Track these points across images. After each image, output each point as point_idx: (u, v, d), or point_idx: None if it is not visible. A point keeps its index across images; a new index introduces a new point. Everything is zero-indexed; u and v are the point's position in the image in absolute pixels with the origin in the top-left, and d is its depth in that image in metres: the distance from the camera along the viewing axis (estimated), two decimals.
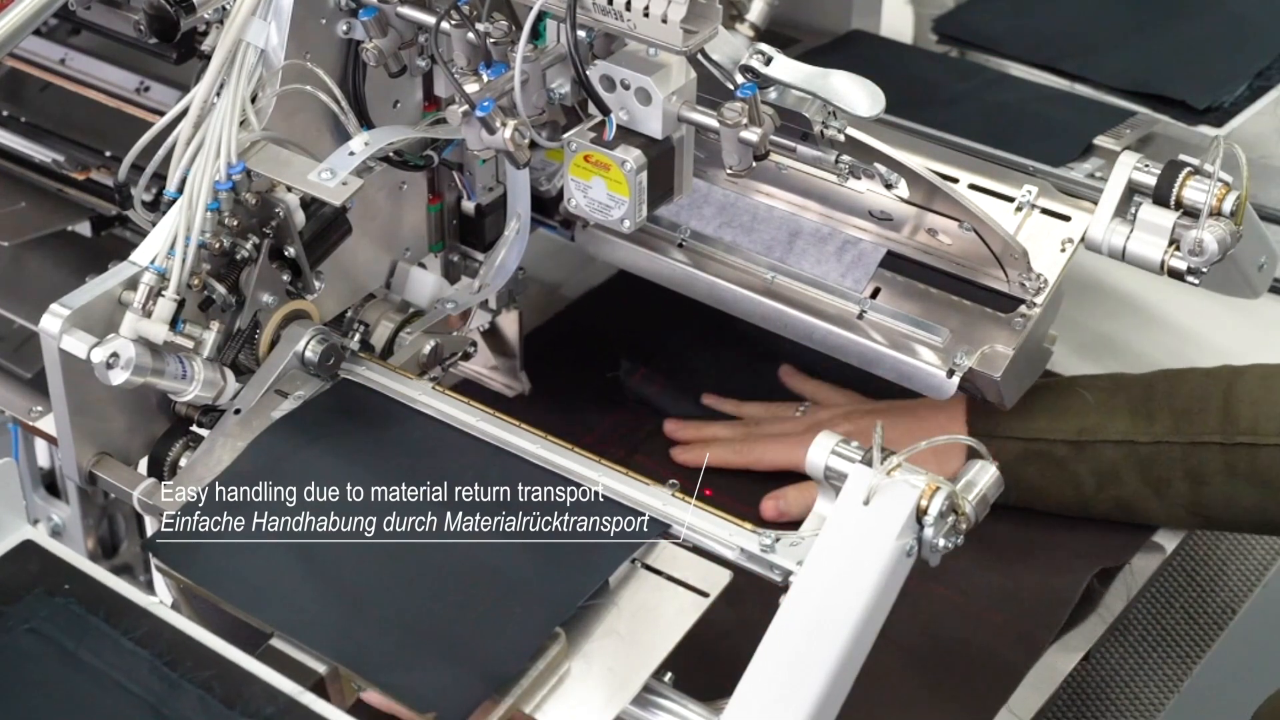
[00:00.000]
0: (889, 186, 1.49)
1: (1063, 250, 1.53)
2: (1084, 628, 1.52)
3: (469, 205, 1.64)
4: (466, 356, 1.61)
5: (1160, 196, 1.44)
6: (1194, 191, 1.43)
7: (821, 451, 1.29)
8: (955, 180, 1.60)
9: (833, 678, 1.19)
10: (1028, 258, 1.48)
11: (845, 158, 1.46)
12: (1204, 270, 1.43)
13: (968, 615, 1.54)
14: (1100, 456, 1.57)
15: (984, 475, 1.27)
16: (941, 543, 1.23)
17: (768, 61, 1.40)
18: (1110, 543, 1.59)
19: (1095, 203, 1.50)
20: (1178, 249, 1.43)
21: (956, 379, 1.51)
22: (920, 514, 1.22)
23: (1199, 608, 1.61)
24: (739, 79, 1.41)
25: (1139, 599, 1.58)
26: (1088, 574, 1.55)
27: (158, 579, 1.64)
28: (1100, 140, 1.76)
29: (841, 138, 1.44)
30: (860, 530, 1.23)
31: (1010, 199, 1.57)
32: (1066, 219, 1.55)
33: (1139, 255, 1.46)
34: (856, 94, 1.38)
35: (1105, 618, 1.53)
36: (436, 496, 1.36)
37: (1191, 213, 1.43)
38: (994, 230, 1.47)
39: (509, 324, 1.73)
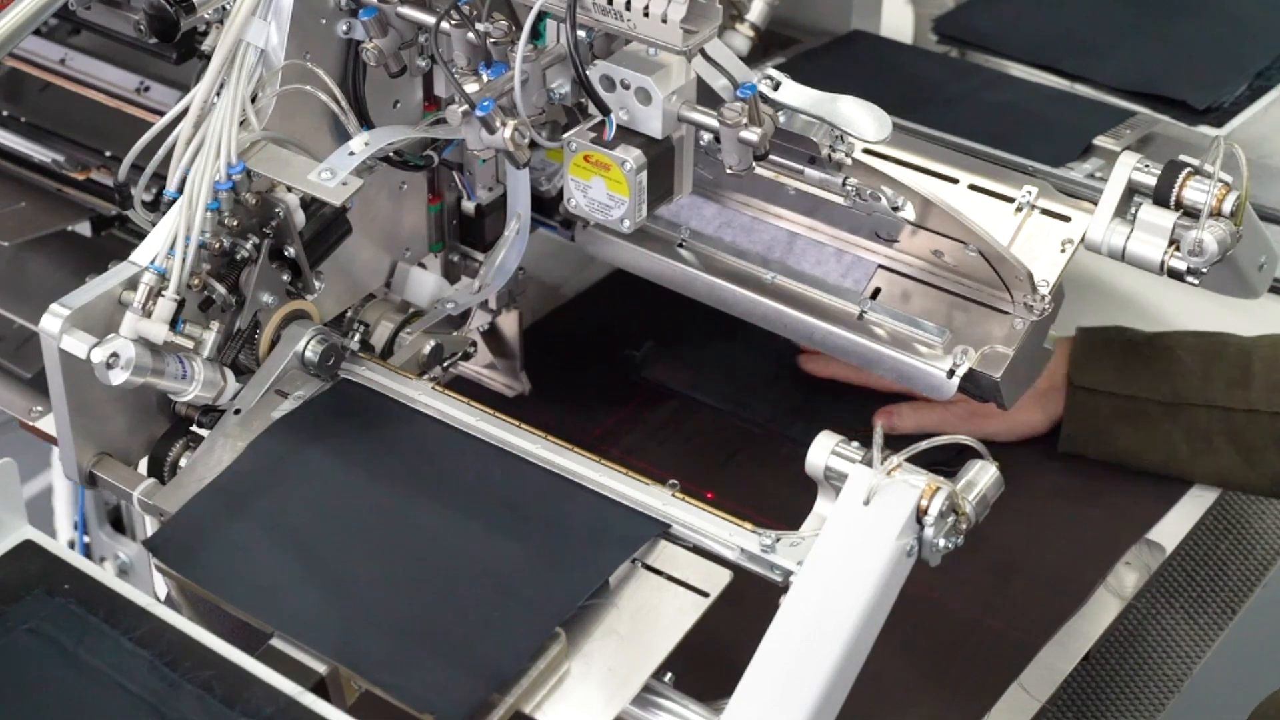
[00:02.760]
0: (896, 210, 1.49)
1: (1063, 251, 1.53)
2: (1084, 628, 1.52)
3: (469, 205, 1.64)
4: (466, 356, 1.61)
5: (1160, 197, 1.44)
6: (1194, 192, 1.43)
7: (821, 452, 1.29)
8: (955, 181, 1.60)
9: (833, 678, 1.19)
10: (1032, 279, 1.49)
11: (852, 180, 1.46)
12: (1204, 270, 1.43)
13: (967, 614, 1.54)
14: (1194, 420, 1.57)
15: (984, 475, 1.27)
16: (942, 543, 1.23)
17: (776, 86, 1.40)
18: (1108, 546, 1.59)
19: (1095, 203, 1.50)
20: (1178, 249, 1.43)
21: (957, 379, 1.51)
22: (920, 514, 1.22)
23: (1199, 607, 1.61)
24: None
25: (1139, 599, 1.58)
26: (1086, 581, 1.56)
27: (157, 579, 1.64)
28: (1100, 140, 1.76)
29: (849, 161, 1.45)
30: (860, 530, 1.23)
31: (1010, 199, 1.57)
32: (1066, 219, 1.54)
33: (1139, 255, 1.46)
34: (863, 119, 1.38)
35: (1106, 617, 1.53)
36: (436, 497, 1.36)
37: (1191, 213, 1.43)
38: (999, 253, 1.48)
39: (509, 324, 1.73)
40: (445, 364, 1.57)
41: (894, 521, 1.21)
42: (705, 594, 1.28)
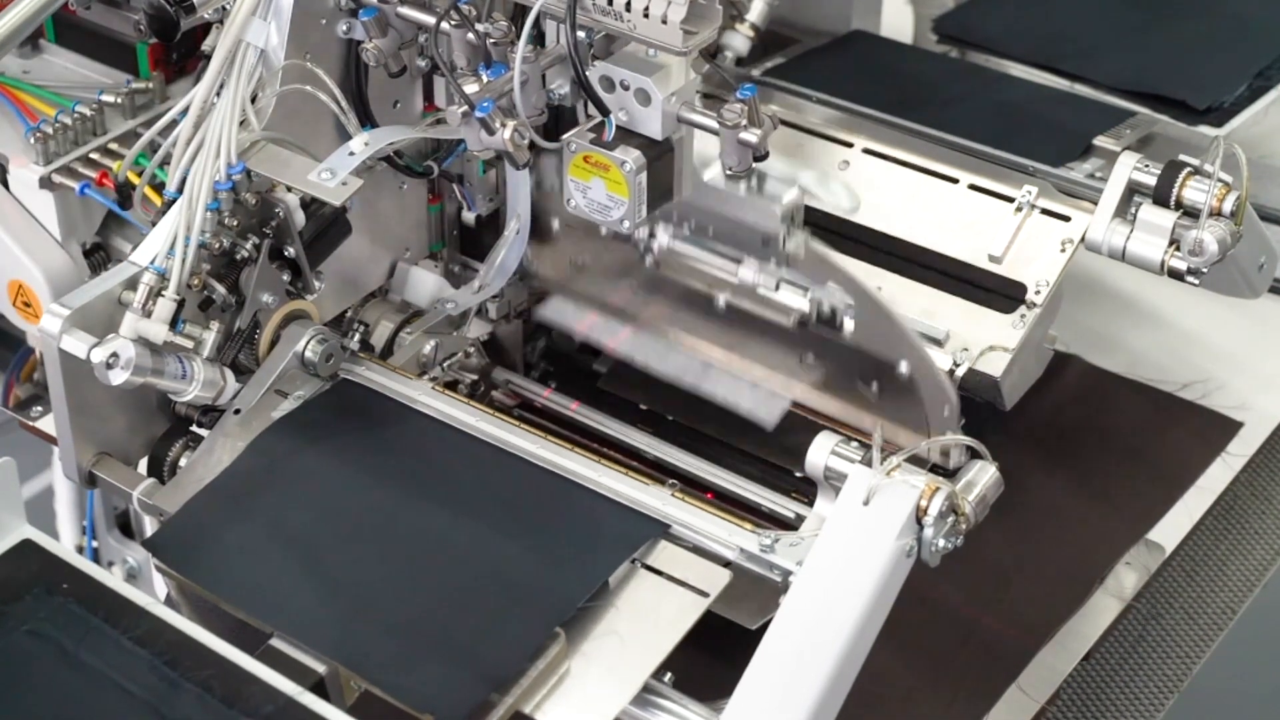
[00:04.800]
0: (833, 322, 1.47)
1: (1063, 250, 1.53)
2: (1084, 628, 1.52)
3: (469, 216, 1.64)
4: (467, 356, 1.60)
5: (1160, 196, 1.44)
6: (1194, 192, 1.43)
7: (821, 452, 1.29)
8: (955, 180, 1.61)
9: (832, 678, 1.19)
10: (959, 420, 1.47)
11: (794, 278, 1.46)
12: (1204, 270, 1.43)
13: (967, 614, 1.54)
14: None
15: (984, 475, 1.27)
16: (941, 543, 1.23)
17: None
18: (1108, 546, 1.59)
19: (1095, 203, 1.50)
20: (1178, 249, 1.43)
21: (956, 379, 1.51)
22: (920, 514, 1.22)
23: (1199, 608, 1.61)
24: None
25: (1139, 599, 1.58)
26: (1086, 581, 1.56)
27: (157, 579, 1.64)
28: (1100, 140, 1.76)
29: (801, 255, 1.45)
30: (860, 530, 1.23)
31: (1010, 199, 1.57)
32: (1066, 219, 1.55)
33: (1139, 255, 1.46)
34: (838, 189, 1.45)
35: (1106, 618, 1.53)
36: (436, 497, 1.36)
37: (1191, 213, 1.43)
38: (936, 379, 1.45)
39: (511, 335, 1.72)
40: (444, 363, 1.57)
41: (894, 521, 1.21)
42: (705, 594, 1.28)
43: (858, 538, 1.23)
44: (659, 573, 1.30)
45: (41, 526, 1.32)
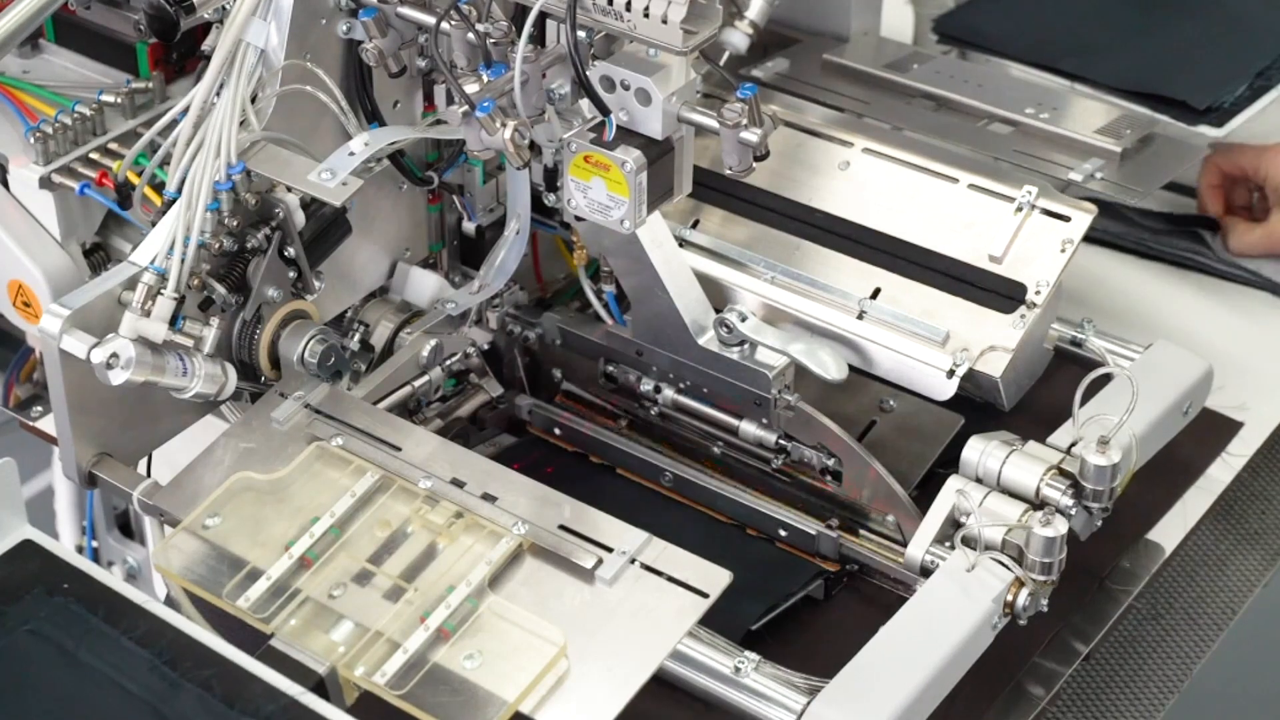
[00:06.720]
0: (825, 472, 1.50)
1: (1063, 250, 1.53)
2: (1084, 628, 1.52)
3: (469, 226, 1.64)
4: (466, 357, 1.60)
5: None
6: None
7: (918, 550, 1.39)
8: (955, 180, 1.60)
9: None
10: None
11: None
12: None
13: None
14: None
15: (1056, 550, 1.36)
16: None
17: (743, 319, 1.46)
18: (1109, 545, 1.59)
19: (1095, 202, 1.50)
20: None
21: (957, 379, 1.51)
22: (1007, 609, 1.36)
23: (1199, 608, 1.61)
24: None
25: (1139, 599, 1.58)
26: (1086, 580, 1.56)
27: (157, 579, 1.64)
28: (1100, 140, 1.76)
29: (791, 413, 1.47)
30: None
31: (1010, 199, 1.57)
32: (1066, 219, 1.55)
33: None
34: (826, 358, 1.45)
35: (1106, 617, 1.53)
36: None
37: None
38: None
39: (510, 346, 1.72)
40: (445, 363, 1.57)
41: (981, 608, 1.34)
42: (705, 594, 1.28)
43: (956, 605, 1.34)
44: (659, 573, 1.30)
45: (41, 526, 1.32)
